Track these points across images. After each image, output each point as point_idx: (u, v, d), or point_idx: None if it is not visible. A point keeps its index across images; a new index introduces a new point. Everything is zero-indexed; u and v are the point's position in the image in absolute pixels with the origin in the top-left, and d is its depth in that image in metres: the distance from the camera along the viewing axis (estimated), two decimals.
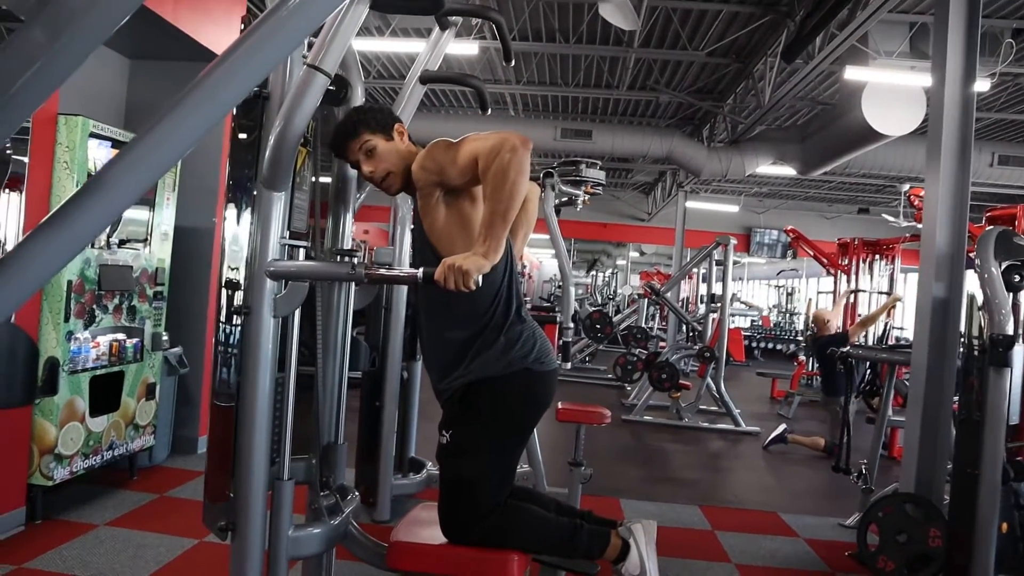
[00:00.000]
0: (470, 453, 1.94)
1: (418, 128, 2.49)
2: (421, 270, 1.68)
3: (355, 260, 1.75)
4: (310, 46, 1.77)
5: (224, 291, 1.86)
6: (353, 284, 2.20)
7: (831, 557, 3.60)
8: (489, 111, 2.43)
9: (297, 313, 1.82)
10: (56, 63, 0.85)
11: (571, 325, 5.01)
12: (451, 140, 1.88)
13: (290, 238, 1.84)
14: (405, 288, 3.66)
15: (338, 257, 2.14)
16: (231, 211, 1.89)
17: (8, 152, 3.04)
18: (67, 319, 3.25)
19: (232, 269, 1.84)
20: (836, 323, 7.10)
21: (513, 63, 2.54)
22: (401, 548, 1.94)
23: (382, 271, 1.74)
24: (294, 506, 1.87)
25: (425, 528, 2.02)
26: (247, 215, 1.84)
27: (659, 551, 3.46)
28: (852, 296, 9.34)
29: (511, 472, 2.03)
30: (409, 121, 2.33)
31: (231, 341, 1.83)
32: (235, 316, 1.80)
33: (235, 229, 1.86)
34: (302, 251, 1.84)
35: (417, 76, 2.34)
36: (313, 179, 2.12)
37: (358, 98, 2.30)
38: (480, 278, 1.67)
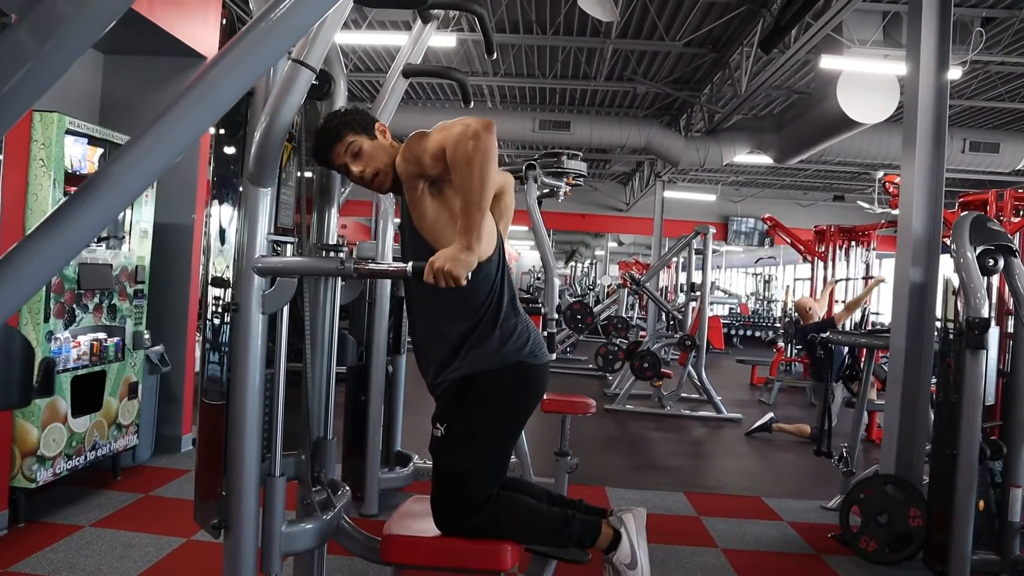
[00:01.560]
0: (465, 446, 1.95)
1: (399, 121, 2.48)
2: (411, 264, 1.68)
3: (343, 255, 1.75)
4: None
5: (211, 288, 1.86)
6: (339, 279, 2.20)
7: (815, 539, 3.66)
8: (472, 104, 2.43)
9: (285, 309, 1.81)
10: (45, 66, 0.84)
11: (555, 316, 5.03)
12: (424, 132, 1.89)
13: (277, 234, 1.83)
14: (388, 282, 3.66)
15: (324, 252, 2.14)
16: (216, 208, 1.88)
17: None
18: (47, 319, 3.20)
19: (220, 266, 1.83)
20: (819, 311, 7.19)
21: (495, 56, 2.54)
22: (395, 541, 1.94)
23: (372, 265, 1.74)
24: (285, 503, 1.87)
25: (418, 521, 2.03)
26: (233, 211, 1.83)
27: (646, 537, 3.51)
28: (834, 286, 9.45)
29: (504, 464, 2.05)
30: (392, 115, 2.33)
31: (220, 338, 1.83)
32: (224, 313, 1.79)
33: (221, 226, 1.85)
34: (289, 247, 1.84)
35: (400, 70, 2.34)
36: (298, 174, 2.11)
37: (341, 92, 2.29)
38: (470, 273, 1.68)
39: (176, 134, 0.86)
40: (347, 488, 2.19)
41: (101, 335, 3.60)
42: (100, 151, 3.57)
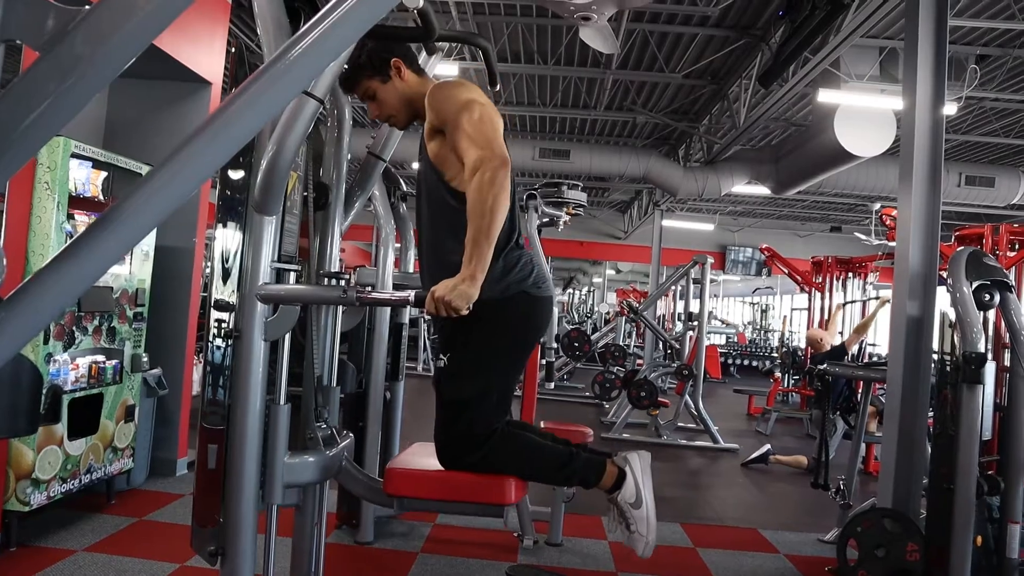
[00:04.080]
0: (467, 375, 1.94)
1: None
2: (413, 293, 1.70)
3: (345, 283, 1.76)
4: None
5: (213, 312, 1.87)
6: (340, 307, 2.22)
7: (812, 572, 3.64)
8: (498, 85, 2.46)
9: (287, 336, 1.82)
10: (64, 103, 0.86)
11: (554, 345, 5.04)
12: (460, 83, 1.94)
13: (281, 261, 1.85)
14: (388, 309, 3.67)
15: (326, 280, 2.15)
16: (220, 232, 1.89)
17: None
18: (46, 341, 3.21)
19: (222, 290, 1.85)
20: (829, 341, 7.20)
21: (499, 87, 2.58)
22: (398, 475, 1.93)
23: (375, 294, 1.76)
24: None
25: (422, 459, 2.02)
26: (237, 236, 1.85)
27: (640, 568, 3.49)
28: (841, 309, 9.47)
29: (508, 396, 2.03)
30: (397, 141, 2.36)
31: (222, 363, 1.83)
32: (226, 339, 1.80)
33: (224, 250, 1.86)
34: (292, 275, 1.85)
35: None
36: (304, 194, 2.13)
37: (346, 119, 2.33)
38: (471, 303, 1.70)
39: (192, 169, 0.88)
40: (350, 434, 2.17)
41: (100, 357, 3.60)
42: (104, 174, 3.60)
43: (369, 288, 1.70)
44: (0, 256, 1.00)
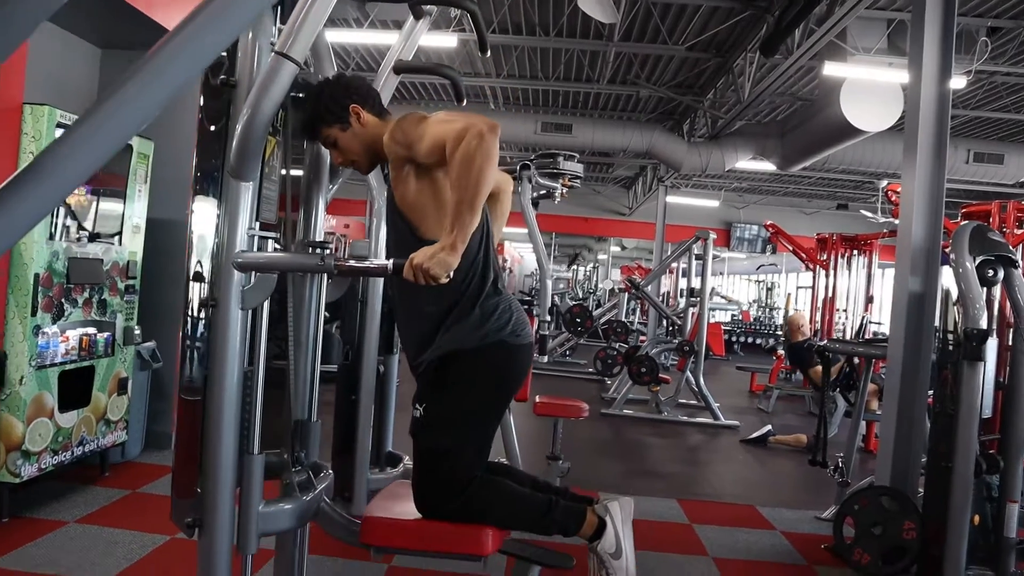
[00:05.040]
0: (443, 426, 1.91)
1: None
2: (391, 261, 1.65)
3: (325, 252, 1.71)
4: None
5: (192, 284, 1.82)
6: (325, 277, 2.17)
7: (807, 550, 3.62)
8: (464, 102, 2.39)
9: (265, 305, 1.78)
10: None
11: (548, 318, 5.00)
12: (423, 114, 1.85)
13: (259, 229, 1.80)
14: (380, 281, 3.62)
15: (311, 249, 2.10)
16: (199, 202, 1.84)
17: None
18: (34, 313, 3.17)
19: (199, 262, 1.80)
20: (805, 331, 7.22)
21: (489, 54, 2.50)
22: (374, 523, 1.90)
23: (352, 262, 1.71)
24: (263, 482, 1.82)
25: (399, 504, 1.98)
26: (216, 206, 1.80)
27: (636, 545, 3.47)
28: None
29: (485, 447, 2.00)
30: None
31: (198, 334, 1.79)
32: (202, 309, 1.76)
33: (203, 220, 1.81)
34: (271, 242, 1.80)
35: (391, 66, 2.30)
36: (284, 171, 2.08)
37: None
38: (451, 272, 1.64)
39: (120, 121, 0.83)
40: (330, 470, 2.14)
41: (91, 330, 3.57)
42: None
43: (348, 257, 1.65)
44: None
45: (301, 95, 2.00)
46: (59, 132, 3.26)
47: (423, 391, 1.96)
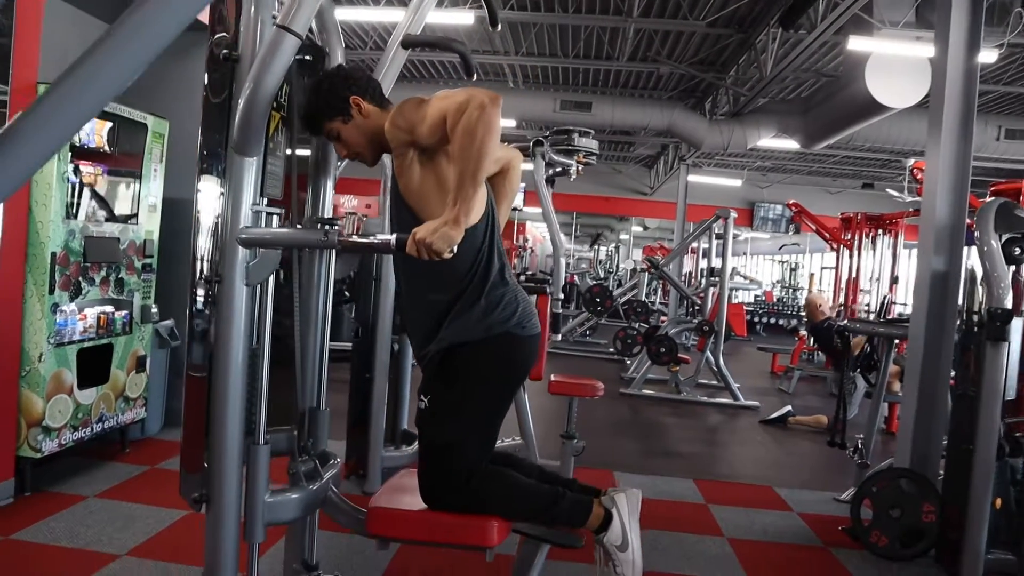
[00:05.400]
0: (448, 418, 1.90)
1: (402, 96, 2.42)
2: (394, 236, 1.63)
3: (328, 228, 1.69)
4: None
5: (198, 261, 1.82)
6: (333, 254, 2.16)
7: (824, 531, 3.58)
8: (475, 76, 2.35)
9: (270, 280, 1.77)
10: None
11: (561, 296, 4.97)
12: (423, 98, 1.82)
13: (265, 205, 1.79)
14: (393, 259, 3.61)
15: (320, 226, 2.09)
16: (204, 180, 1.84)
17: None
18: (52, 291, 3.21)
19: (204, 238, 1.80)
20: (827, 312, 7.09)
21: (500, 28, 2.46)
22: (380, 514, 1.90)
23: (355, 238, 1.69)
24: (269, 472, 1.83)
25: (406, 494, 1.98)
26: (220, 182, 1.79)
27: (650, 524, 3.45)
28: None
29: (491, 438, 1.99)
30: (391, 86, 2.27)
31: (203, 311, 1.79)
32: (207, 284, 1.76)
33: (208, 197, 1.81)
34: (275, 218, 1.79)
35: (399, 41, 2.27)
36: (290, 151, 2.06)
37: (339, 61, 2.24)
38: (455, 246, 1.62)
39: (95, 86, 0.81)
40: (338, 459, 2.15)
41: (108, 308, 3.61)
42: (109, 125, 3.56)
43: (351, 233, 1.64)
44: None
45: (307, 58, 1.98)
46: None
47: (428, 382, 1.95)
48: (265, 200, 1.81)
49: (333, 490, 2.06)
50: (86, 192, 3.47)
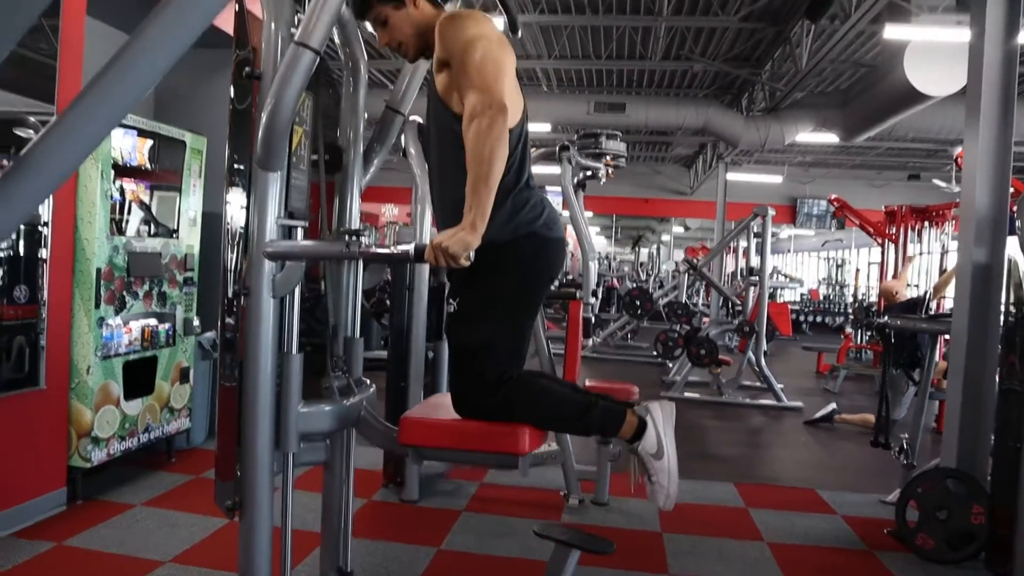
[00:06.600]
0: (477, 320, 1.89)
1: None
2: (412, 246, 1.65)
3: (352, 239, 1.73)
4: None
5: (227, 275, 1.88)
6: (361, 264, 2.19)
7: (868, 534, 3.50)
8: (519, 33, 2.33)
9: (296, 292, 1.81)
10: None
11: (592, 300, 4.94)
12: (470, 30, 1.80)
13: (289, 218, 1.83)
14: (427, 268, 3.65)
15: (347, 238, 2.13)
16: (232, 193, 1.89)
17: None
18: (97, 305, 3.32)
19: (233, 251, 1.85)
20: (903, 292, 6.83)
21: (520, 34, 2.47)
22: (412, 424, 1.90)
23: (376, 249, 1.72)
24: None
25: (439, 410, 1.99)
26: (244, 196, 1.84)
27: (688, 529, 3.42)
28: (910, 262, 9.01)
29: (521, 344, 1.97)
30: (415, 94, 2.30)
31: (233, 323, 1.84)
32: (235, 297, 1.81)
33: (235, 211, 1.86)
34: (300, 231, 1.83)
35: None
36: (316, 160, 2.10)
37: (362, 78, 2.28)
38: (472, 253, 1.64)
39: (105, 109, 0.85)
40: (371, 384, 2.14)
41: (152, 321, 3.72)
42: (150, 143, 3.68)
43: (372, 244, 1.67)
44: None
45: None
46: (119, 131, 3.39)
47: (456, 286, 1.95)
48: (288, 213, 1.85)
49: (367, 410, 2.04)
50: (130, 208, 3.59)
